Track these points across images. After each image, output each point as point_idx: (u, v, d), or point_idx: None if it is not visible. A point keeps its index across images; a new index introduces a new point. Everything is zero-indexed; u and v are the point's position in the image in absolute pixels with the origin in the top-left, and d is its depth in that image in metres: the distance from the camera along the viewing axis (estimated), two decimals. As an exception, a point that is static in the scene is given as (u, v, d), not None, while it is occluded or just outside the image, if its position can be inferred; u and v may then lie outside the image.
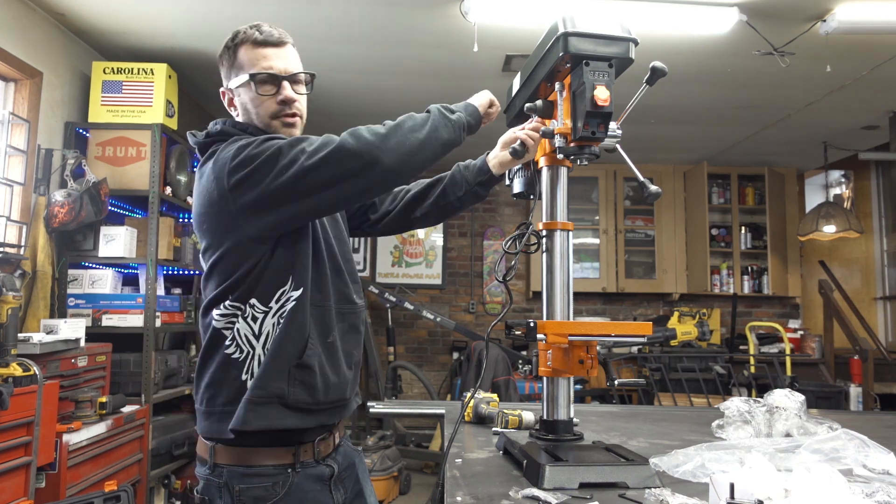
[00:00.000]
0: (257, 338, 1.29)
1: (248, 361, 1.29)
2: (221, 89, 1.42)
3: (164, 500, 3.42)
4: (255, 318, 1.30)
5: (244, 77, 1.35)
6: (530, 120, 1.53)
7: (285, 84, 1.35)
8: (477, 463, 1.44)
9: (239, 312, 1.30)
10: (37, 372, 2.30)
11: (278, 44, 1.36)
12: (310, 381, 1.30)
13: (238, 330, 1.30)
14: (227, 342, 1.30)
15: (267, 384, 1.26)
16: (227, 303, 1.31)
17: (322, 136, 1.25)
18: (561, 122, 1.34)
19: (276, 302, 1.30)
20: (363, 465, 1.54)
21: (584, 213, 5.93)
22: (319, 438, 1.36)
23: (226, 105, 1.42)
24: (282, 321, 1.29)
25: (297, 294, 1.30)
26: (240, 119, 1.41)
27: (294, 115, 1.38)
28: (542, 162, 1.51)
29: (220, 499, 1.27)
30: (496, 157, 1.60)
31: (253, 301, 1.30)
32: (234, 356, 1.30)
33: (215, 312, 1.31)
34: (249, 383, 1.27)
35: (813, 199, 6.16)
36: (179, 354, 3.65)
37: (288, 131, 1.36)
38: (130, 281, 3.54)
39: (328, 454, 1.39)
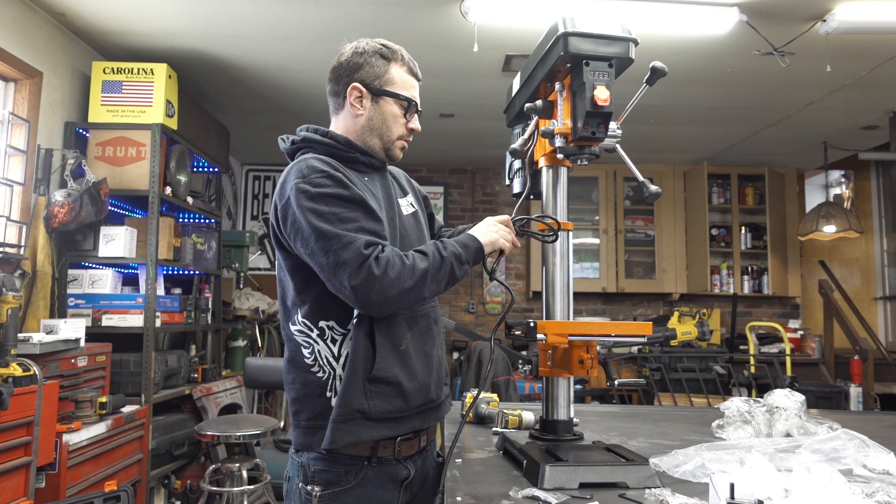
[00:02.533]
0: (337, 359, 1.34)
1: (330, 381, 1.34)
2: (355, 84, 1.43)
3: (164, 500, 3.42)
4: (333, 340, 1.34)
5: (397, 94, 1.44)
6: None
7: (416, 116, 1.51)
8: (477, 463, 1.44)
9: (314, 332, 1.35)
10: (37, 372, 2.30)
11: (420, 80, 1.52)
12: (386, 392, 1.32)
13: (319, 352, 1.35)
14: (310, 361, 1.35)
15: (348, 401, 1.29)
16: (300, 318, 1.36)
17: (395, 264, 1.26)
18: (561, 122, 1.34)
19: (350, 323, 1.34)
20: (436, 481, 1.50)
21: (584, 213, 5.93)
22: (402, 437, 1.37)
23: (350, 99, 1.44)
24: (353, 342, 1.32)
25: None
26: (346, 116, 1.45)
27: (408, 142, 1.51)
28: (542, 162, 1.51)
29: (297, 476, 1.35)
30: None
31: (331, 323, 1.34)
32: (317, 375, 1.35)
33: (292, 327, 1.38)
34: (334, 401, 1.31)
35: (813, 199, 6.16)
36: (179, 354, 3.65)
37: (400, 154, 1.50)
38: (130, 281, 3.54)
39: (410, 455, 1.40)
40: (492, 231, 1.41)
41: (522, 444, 1.40)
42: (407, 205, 1.53)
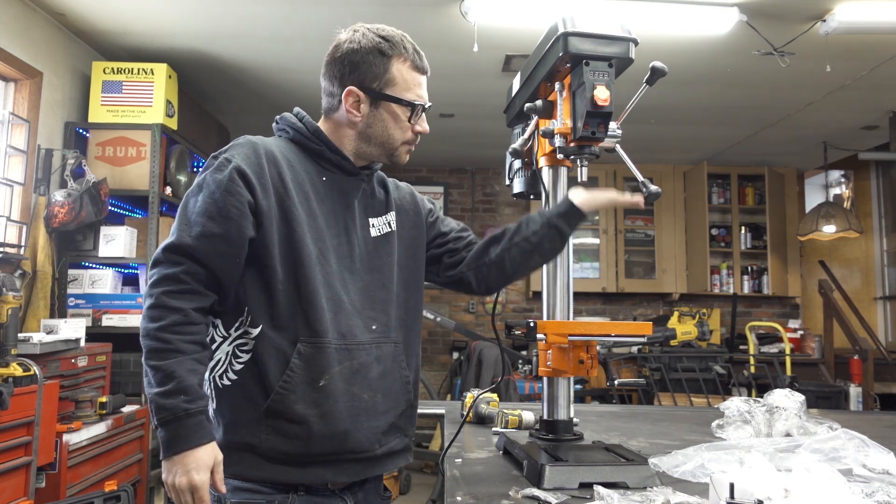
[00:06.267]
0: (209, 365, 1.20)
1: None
2: (351, 87, 1.26)
3: (164, 500, 3.42)
4: (213, 340, 1.20)
5: (399, 99, 1.26)
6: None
7: (424, 116, 1.32)
8: (477, 463, 1.44)
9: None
10: (37, 372, 2.30)
11: (427, 73, 1.32)
12: (286, 430, 1.14)
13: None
14: None
15: (237, 429, 1.13)
16: None
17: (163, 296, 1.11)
18: (561, 122, 1.34)
19: (236, 330, 1.18)
20: None
21: (584, 213, 5.91)
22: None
23: (347, 105, 1.27)
24: (242, 356, 1.17)
25: (255, 332, 1.17)
26: (342, 120, 1.29)
27: (414, 144, 1.35)
28: (542, 162, 1.52)
29: None
30: (583, 196, 1.37)
31: (217, 321, 1.20)
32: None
33: None
34: (216, 417, 1.18)
35: (813, 199, 6.16)
36: (179, 354, 3.64)
37: (405, 157, 1.33)
38: (130, 281, 3.54)
39: (346, 486, 1.24)
40: (184, 470, 1.08)
41: (523, 444, 1.40)
42: (382, 224, 1.33)
